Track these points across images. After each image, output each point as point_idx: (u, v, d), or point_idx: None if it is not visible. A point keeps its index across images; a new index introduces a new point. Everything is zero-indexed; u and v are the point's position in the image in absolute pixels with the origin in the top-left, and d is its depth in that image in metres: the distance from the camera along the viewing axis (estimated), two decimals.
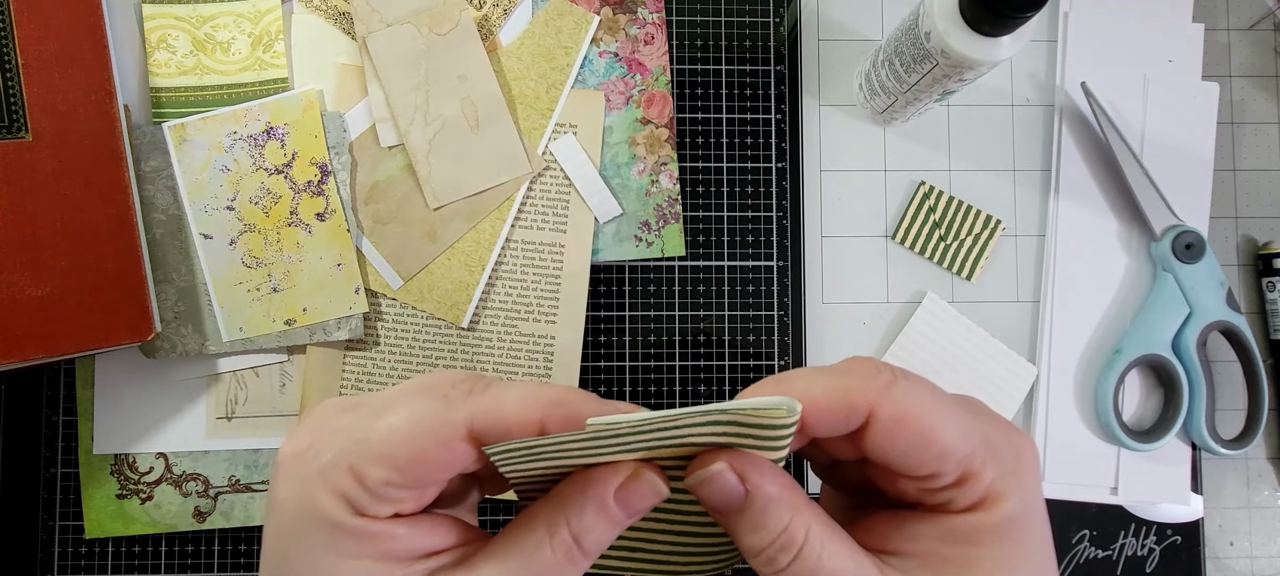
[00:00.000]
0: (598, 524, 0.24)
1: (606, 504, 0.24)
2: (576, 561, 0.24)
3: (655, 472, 0.25)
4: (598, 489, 0.24)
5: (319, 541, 0.23)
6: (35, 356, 0.41)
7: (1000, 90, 0.51)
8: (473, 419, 0.23)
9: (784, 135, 0.50)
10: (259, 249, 0.46)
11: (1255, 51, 0.52)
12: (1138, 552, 0.49)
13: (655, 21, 0.50)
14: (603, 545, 0.25)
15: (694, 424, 0.23)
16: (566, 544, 0.24)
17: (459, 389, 0.24)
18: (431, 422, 0.23)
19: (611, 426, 0.22)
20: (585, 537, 0.24)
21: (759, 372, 0.49)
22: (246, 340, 0.46)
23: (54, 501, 0.47)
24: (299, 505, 0.23)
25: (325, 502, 0.22)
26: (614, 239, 0.49)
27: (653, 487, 0.24)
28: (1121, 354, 0.47)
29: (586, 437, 0.23)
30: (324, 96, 0.48)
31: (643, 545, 0.28)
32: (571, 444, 0.23)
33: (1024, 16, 0.36)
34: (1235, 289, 0.50)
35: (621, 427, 0.23)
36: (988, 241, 0.50)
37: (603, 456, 0.24)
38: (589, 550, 0.24)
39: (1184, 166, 0.49)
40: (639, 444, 0.24)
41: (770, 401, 0.22)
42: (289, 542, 0.23)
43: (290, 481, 0.23)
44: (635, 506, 0.24)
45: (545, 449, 0.24)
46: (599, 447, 0.24)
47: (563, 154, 0.48)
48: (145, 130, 0.46)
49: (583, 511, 0.24)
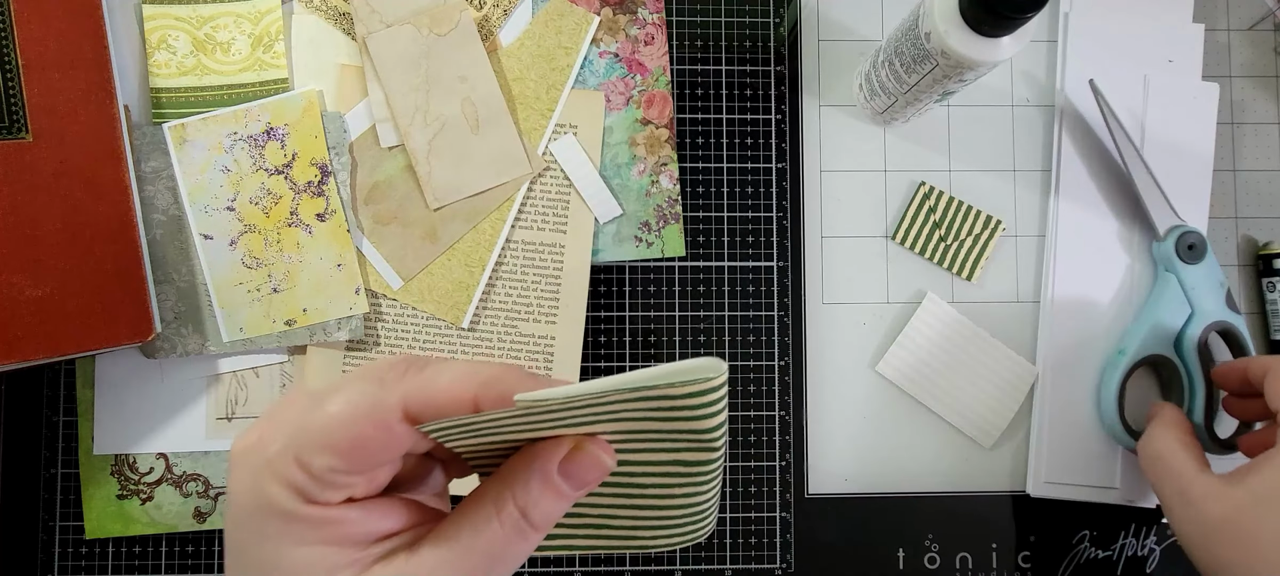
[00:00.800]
0: (543, 497, 0.25)
1: (551, 477, 0.25)
2: (525, 534, 0.25)
3: (599, 446, 0.25)
4: (541, 463, 0.25)
5: (273, 530, 0.23)
6: (35, 356, 0.41)
7: (1000, 90, 0.51)
8: (406, 400, 0.23)
9: (784, 135, 0.50)
10: (259, 249, 0.47)
11: (1255, 51, 0.52)
12: (1138, 552, 0.49)
13: (655, 22, 0.50)
14: (552, 518, 0.25)
15: (624, 400, 0.23)
16: (514, 518, 0.24)
17: (394, 371, 0.24)
18: (368, 406, 0.23)
19: (538, 402, 0.23)
20: (532, 511, 0.25)
21: (759, 372, 0.49)
22: (247, 341, 0.46)
23: (54, 501, 0.47)
24: (252, 497, 0.23)
25: (275, 493, 0.23)
26: (614, 239, 0.49)
27: (596, 460, 0.25)
28: (1125, 353, 0.47)
29: (517, 414, 0.23)
30: (324, 97, 0.48)
31: (605, 520, 0.28)
32: (505, 421, 0.24)
33: (1024, 17, 0.36)
34: (1235, 289, 0.51)
35: (550, 404, 0.23)
36: (988, 241, 0.50)
37: (546, 430, 0.25)
38: (537, 523, 0.25)
39: (1184, 166, 0.49)
40: (577, 419, 0.24)
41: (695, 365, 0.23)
42: (245, 533, 0.24)
43: (242, 474, 0.24)
44: (581, 479, 0.25)
45: (481, 426, 0.24)
46: (537, 422, 0.24)
47: (563, 154, 0.48)
48: (145, 130, 0.46)
49: (528, 485, 0.25)
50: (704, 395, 0.23)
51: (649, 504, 0.27)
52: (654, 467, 0.26)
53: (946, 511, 0.49)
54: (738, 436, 0.49)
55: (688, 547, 0.48)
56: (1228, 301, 0.47)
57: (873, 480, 0.49)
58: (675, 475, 0.26)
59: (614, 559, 0.48)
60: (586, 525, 0.28)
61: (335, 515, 0.24)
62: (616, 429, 0.25)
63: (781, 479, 0.49)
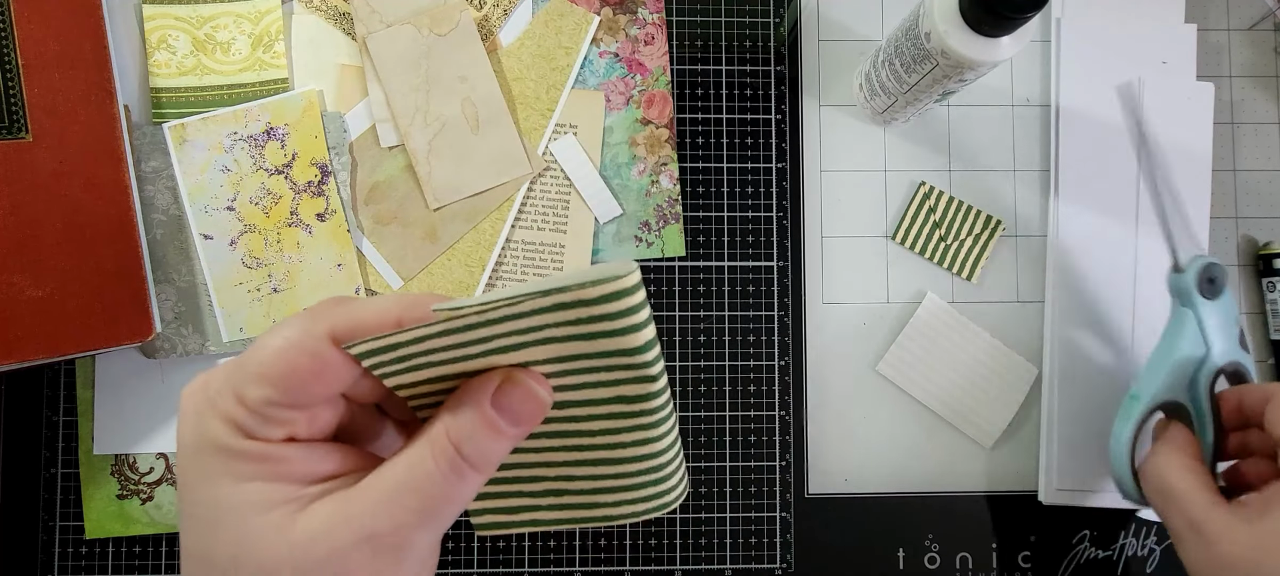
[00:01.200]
0: (477, 431, 0.24)
1: (484, 409, 0.24)
2: (461, 471, 0.24)
3: (533, 377, 0.25)
4: (474, 394, 0.25)
5: (215, 467, 0.24)
6: (35, 356, 0.41)
7: (1000, 90, 0.51)
8: (334, 325, 0.24)
9: (784, 135, 0.50)
10: (259, 249, 0.47)
11: (1255, 51, 0.52)
12: (1138, 552, 0.49)
13: (655, 22, 0.50)
14: (488, 456, 0.25)
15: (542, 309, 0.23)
16: (448, 453, 0.24)
17: (326, 304, 0.25)
18: (298, 336, 0.23)
19: (455, 312, 0.23)
20: (465, 445, 0.24)
21: (759, 372, 0.49)
22: (247, 340, 0.46)
23: (54, 501, 0.47)
24: (195, 436, 0.24)
25: (216, 429, 0.23)
26: (614, 239, 0.49)
27: (529, 392, 0.25)
28: (1139, 399, 0.43)
29: (440, 334, 0.23)
30: (324, 97, 0.48)
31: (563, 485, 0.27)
32: (432, 343, 0.24)
33: (1024, 17, 0.36)
34: (1234, 289, 0.51)
35: (466, 313, 0.23)
36: (988, 241, 0.50)
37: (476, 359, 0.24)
38: (472, 459, 0.24)
39: (1183, 167, 0.49)
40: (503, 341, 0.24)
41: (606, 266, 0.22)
42: (190, 472, 0.24)
43: (187, 417, 0.24)
44: (515, 412, 0.25)
45: (410, 352, 0.24)
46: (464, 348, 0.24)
47: (563, 154, 0.49)
48: (145, 130, 0.46)
49: (458, 417, 0.24)
50: (619, 298, 0.22)
51: (602, 457, 0.27)
52: (596, 408, 0.26)
53: (946, 511, 0.49)
54: (738, 436, 0.49)
55: (688, 548, 0.48)
56: (1240, 340, 0.43)
57: (873, 480, 0.49)
58: (619, 415, 0.26)
59: (615, 557, 0.48)
60: (545, 491, 0.28)
61: (275, 452, 0.24)
62: (546, 354, 0.24)
63: (781, 479, 0.49)
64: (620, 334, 0.23)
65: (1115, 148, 0.49)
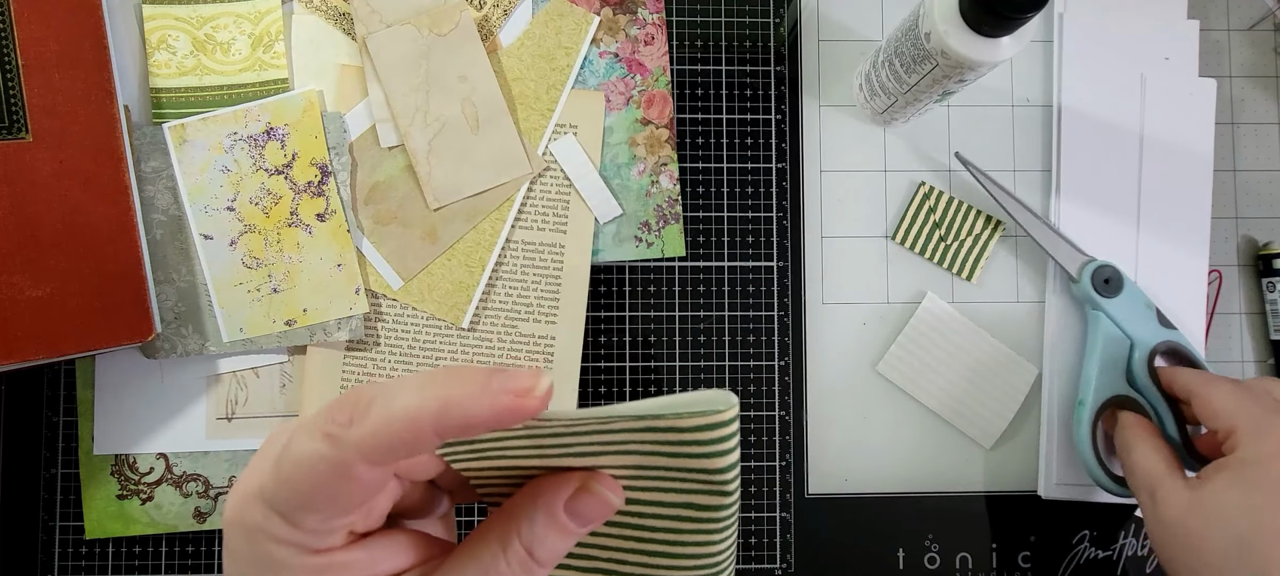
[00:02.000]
0: (549, 534, 0.24)
1: (556, 515, 0.24)
2: (531, 572, 0.24)
3: (607, 484, 0.25)
4: (547, 499, 0.24)
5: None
6: (35, 357, 0.41)
7: (1000, 90, 0.51)
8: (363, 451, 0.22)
9: (784, 135, 0.50)
10: (259, 249, 0.47)
11: (1255, 51, 0.52)
12: (1138, 552, 0.49)
13: (655, 22, 0.50)
14: (557, 555, 0.25)
15: (630, 431, 0.23)
16: (520, 555, 0.24)
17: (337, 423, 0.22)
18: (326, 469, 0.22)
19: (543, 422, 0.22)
20: (537, 548, 0.24)
21: (759, 373, 0.49)
22: (247, 341, 0.46)
23: (54, 501, 0.47)
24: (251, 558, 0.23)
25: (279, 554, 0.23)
26: (614, 239, 0.49)
27: (602, 499, 0.25)
28: (1085, 403, 0.46)
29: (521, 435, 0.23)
30: (324, 97, 0.48)
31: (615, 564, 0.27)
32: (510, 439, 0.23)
33: (1024, 17, 0.36)
34: (1234, 289, 0.51)
35: (554, 425, 0.22)
36: (988, 242, 0.50)
37: (552, 457, 0.24)
38: (543, 560, 0.24)
39: (1183, 165, 0.49)
40: (583, 447, 0.24)
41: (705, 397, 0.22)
42: None
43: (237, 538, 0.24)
44: (587, 516, 0.25)
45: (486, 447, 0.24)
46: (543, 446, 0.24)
47: (563, 154, 0.49)
48: (145, 130, 0.46)
49: (533, 522, 0.24)
50: (713, 429, 0.22)
51: (660, 550, 0.26)
52: (664, 509, 0.26)
53: (946, 511, 0.49)
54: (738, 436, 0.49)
55: None
56: (1160, 320, 0.46)
57: (873, 480, 0.49)
58: (686, 519, 0.25)
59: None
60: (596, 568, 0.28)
61: (340, 560, 0.24)
62: (624, 463, 0.24)
63: (781, 479, 0.49)
64: (707, 457, 0.23)
65: (1117, 146, 0.49)
